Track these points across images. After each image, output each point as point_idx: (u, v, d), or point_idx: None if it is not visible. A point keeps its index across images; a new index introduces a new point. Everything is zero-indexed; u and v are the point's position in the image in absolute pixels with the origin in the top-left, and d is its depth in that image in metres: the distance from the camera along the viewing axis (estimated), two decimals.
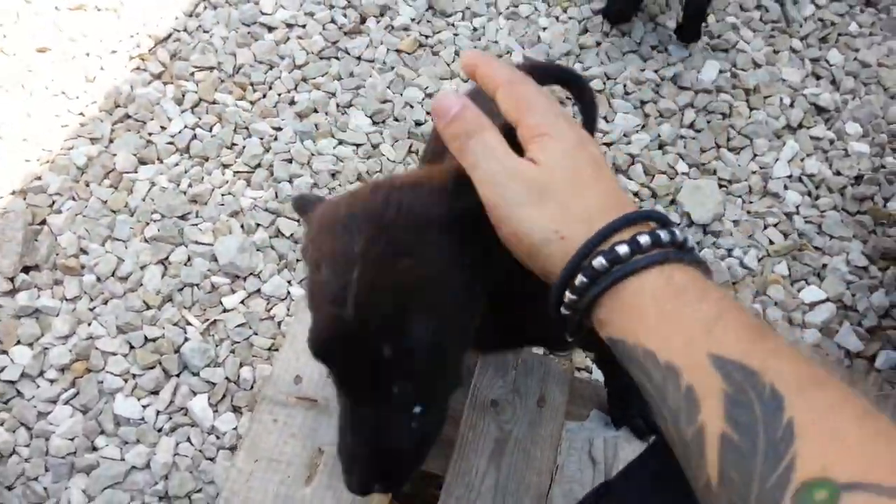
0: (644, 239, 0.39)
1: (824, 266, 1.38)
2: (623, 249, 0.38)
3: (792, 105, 1.59)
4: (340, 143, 1.49)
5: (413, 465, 0.51)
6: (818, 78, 1.64)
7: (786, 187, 1.47)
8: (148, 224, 1.35)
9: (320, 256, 0.48)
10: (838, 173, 1.49)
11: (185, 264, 1.31)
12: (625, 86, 1.59)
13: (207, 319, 1.25)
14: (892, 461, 0.28)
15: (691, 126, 1.55)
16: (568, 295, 0.40)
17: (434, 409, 0.50)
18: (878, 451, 0.29)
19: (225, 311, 1.27)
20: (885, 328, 1.31)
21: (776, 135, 1.54)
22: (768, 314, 1.31)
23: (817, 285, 1.35)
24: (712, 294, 0.36)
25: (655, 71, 1.62)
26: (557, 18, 1.71)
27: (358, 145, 1.49)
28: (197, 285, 1.29)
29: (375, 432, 0.48)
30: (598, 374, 1.09)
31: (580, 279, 0.39)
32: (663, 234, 0.39)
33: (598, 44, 1.66)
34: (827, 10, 1.74)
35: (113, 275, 1.29)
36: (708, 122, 1.55)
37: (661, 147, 1.52)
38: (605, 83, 1.60)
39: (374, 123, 1.52)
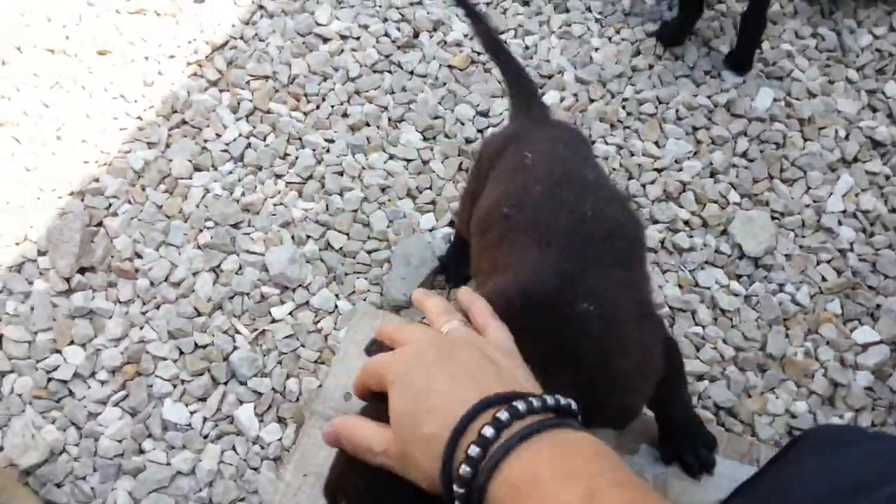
0: (488, 432, 0.41)
1: (878, 307, 1.34)
2: (474, 451, 0.41)
3: (847, 138, 1.56)
4: (391, 157, 1.49)
5: None
6: (874, 110, 1.61)
7: (840, 223, 1.44)
8: (201, 231, 1.36)
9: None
10: (894, 210, 1.46)
11: (237, 273, 1.32)
12: (677, 111, 1.57)
13: (256, 329, 1.26)
14: None
15: (744, 155, 1.52)
16: (457, 495, 0.42)
17: None
18: None
19: (273, 321, 1.27)
20: None
21: (830, 168, 1.51)
22: (819, 354, 1.29)
23: (871, 326, 1.32)
24: (544, 477, 0.39)
25: (708, 97, 1.60)
26: (610, 39, 1.69)
27: (409, 160, 1.49)
28: (247, 294, 1.29)
29: None
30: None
31: (456, 490, 0.42)
32: (503, 416, 0.41)
33: (651, 66, 1.65)
34: (885, 41, 1.71)
35: (166, 280, 1.30)
36: (761, 151, 1.53)
37: (712, 175, 1.49)
38: (657, 107, 1.58)
39: (425, 139, 1.52)
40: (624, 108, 1.58)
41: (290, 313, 1.29)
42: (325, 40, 1.66)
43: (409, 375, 0.47)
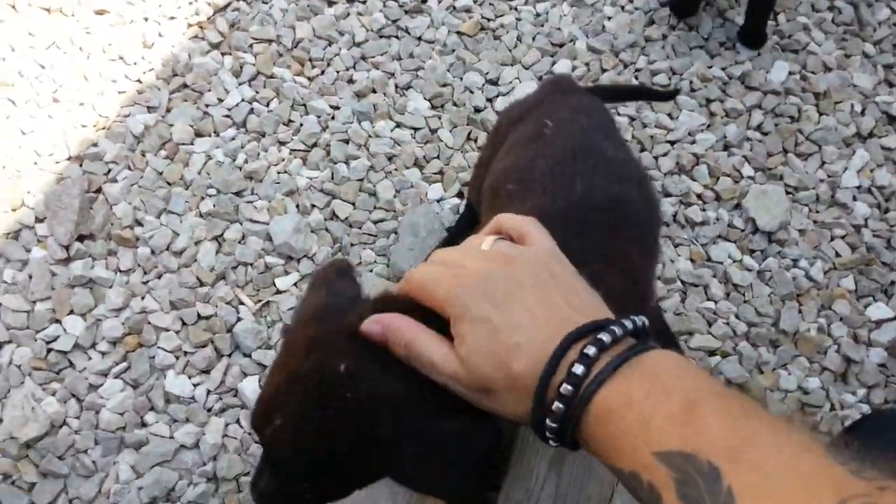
0: (579, 369, 0.40)
1: (892, 283, 1.31)
2: (567, 390, 0.40)
3: (863, 112, 1.51)
4: (398, 125, 1.43)
5: None
6: (891, 85, 1.55)
7: (854, 198, 1.40)
8: (203, 199, 1.31)
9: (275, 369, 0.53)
10: None
11: (240, 242, 1.27)
12: (691, 82, 1.52)
13: (260, 300, 1.21)
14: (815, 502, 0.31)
15: (758, 128, 1.47)
16: (549, 428, 0.42)
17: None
18: (803, 497, 0.31)
19: (278, 292, 1.22)
20: None
21: (846, 142, 1.47)
22: (833, 330, 1.25)
23: (885, 302, 1.29)
24: (638, 398, 0.39)
25: (723, 69, 1.54)
26: (623, 8, 1.63)
27: (416, 129, 1.43)
28: (251, 264, 1.24)
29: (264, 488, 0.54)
30: None
31: (549, 424, 0.42)
32: (591, 351, 0.40)
33: (665, 37, 1.59)
34: None
35: (167, 249, 1.25)
36: (776, 125, 1.47)
37: (726, 148, 1.44)
38: (670, 78, 1.52)
39: (433, 107, 1.46)
40: (636, 78, 1.52)
41: (295, 284, 1.24)
42: (331, 3, 1.59)
43: (481, 309, 0.44)
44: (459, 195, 1.35)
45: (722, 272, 1.30)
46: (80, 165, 1.33)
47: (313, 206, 1.32)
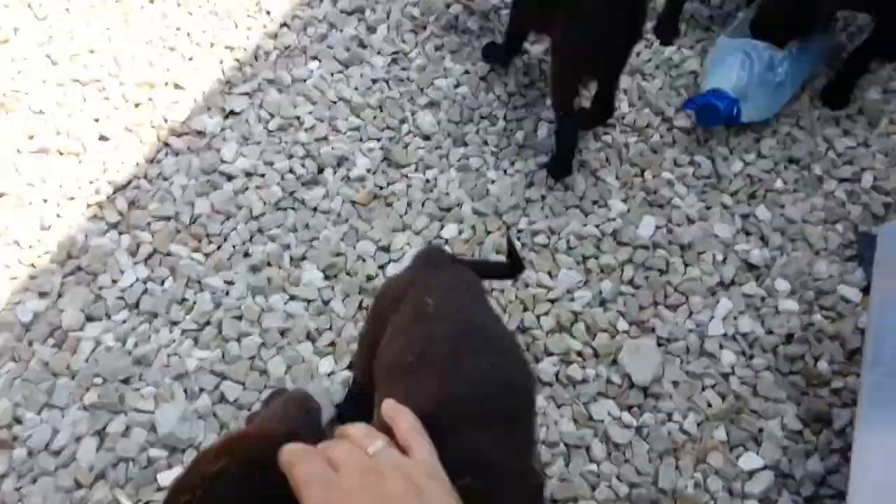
0: None
1: (761, 430, 1.30)
2: None
3: (724, 261, 1.55)
4: (292, 298, 1.40)
5: None
6: (748, 234, 1.61)
7: (721, 346, 1.41)
8: (88, 389, 1.23)
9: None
10: (770, 332, 1.44)
11: (122, 435, 1.19)
12: (568, 241, 1.54)
13: (140, 500, 1.12)
14: None
15: (630, 282, 1.49)
16: None
17: None
18: None
19: (159, 489, 1.14)
20: (823, 497, 1.23)
21: (710, 292, 1.50)
22: (709, 484, 1.23)
23: (755, 451, 1.28)
24: None
25: (597, 226, 1.57)
26: (505, 171, 1.66)
27: (309, 301, 1.40)
28: (132, 459, 1.16)
29: None
30: None
31: None
32: None
33: (544, 197, 1.62)
34: (754, 167, 1.72)
35: (46, 448, 1.16)
36: (646, 278, 1.50)
37: (602, 304, 1.45)
38: (549, 238, 1.54)
39: (327, 278, 1.44)
40: (518, 238, 1.54)
41: None
42: (230, 178, 1.58)
43: None
44: (350, 366, 1.31)
45: (602, 431, 1.28)
46: None
47: (202, 389, 1.25)
